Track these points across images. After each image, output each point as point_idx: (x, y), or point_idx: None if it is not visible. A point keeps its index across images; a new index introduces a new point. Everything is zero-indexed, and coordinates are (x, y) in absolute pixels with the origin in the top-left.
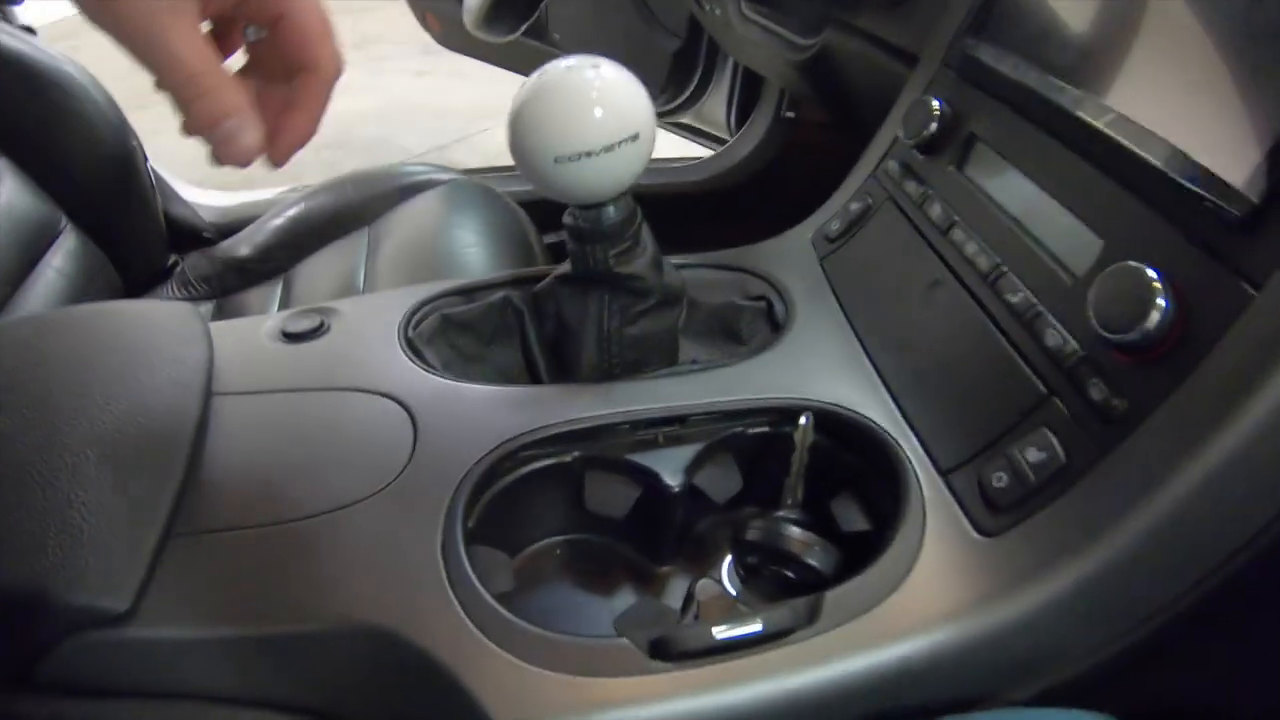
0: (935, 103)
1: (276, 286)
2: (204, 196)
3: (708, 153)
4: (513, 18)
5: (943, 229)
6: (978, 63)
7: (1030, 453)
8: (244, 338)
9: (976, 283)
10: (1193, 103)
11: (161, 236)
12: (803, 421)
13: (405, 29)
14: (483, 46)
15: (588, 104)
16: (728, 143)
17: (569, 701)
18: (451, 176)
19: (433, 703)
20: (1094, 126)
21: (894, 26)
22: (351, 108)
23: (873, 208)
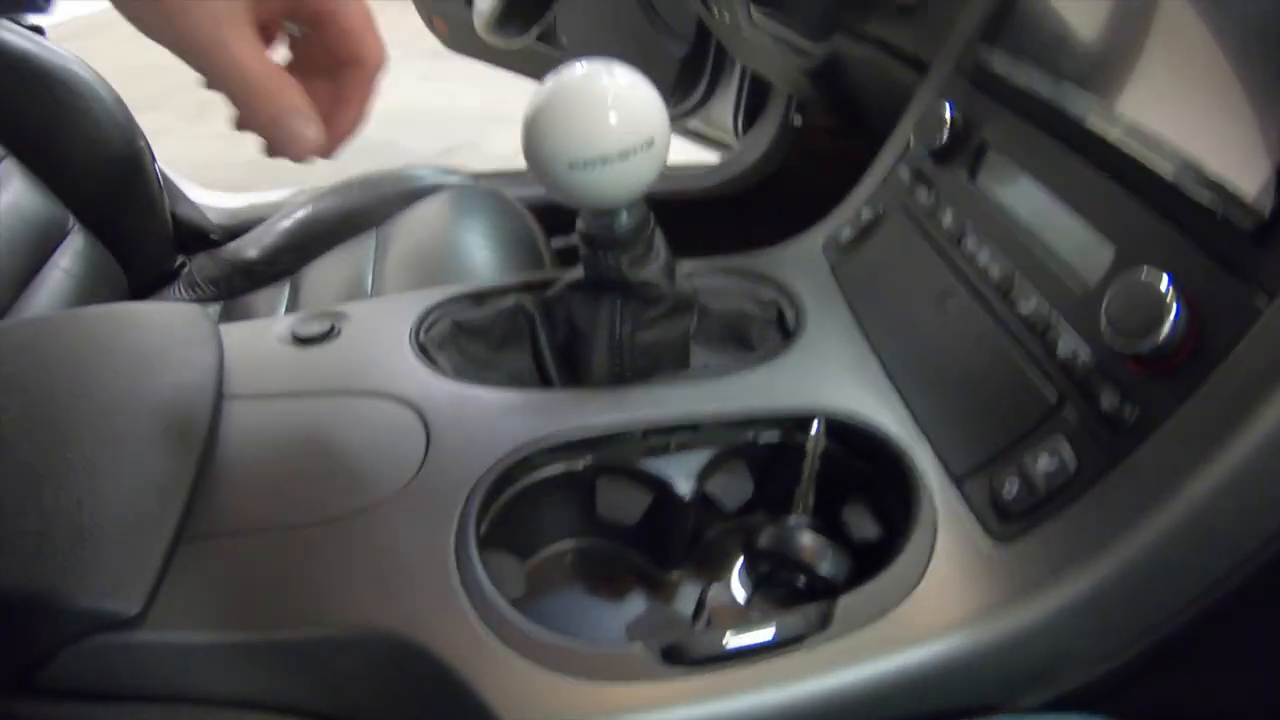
0: (947, 110)
1: (284, 289)
2: (211, 198)
3: (711, 156)
4: (523, 22)
5: (954, 237)
6: (990, 70)
7: (1042, 461)
8: (254, 341)
9: (988, 291)
10: (1206, 113)
11: (168, 238)
12: (814, 429)
13: (411, 32)
14: (489, 50)
15: (605, 110)
16: (732, 148)
17: (582, 706)
18: (459, 180)
19: (445, 707)
20: (1107, 136)
21: (904, 33)
22: None
23: (884, 215)
